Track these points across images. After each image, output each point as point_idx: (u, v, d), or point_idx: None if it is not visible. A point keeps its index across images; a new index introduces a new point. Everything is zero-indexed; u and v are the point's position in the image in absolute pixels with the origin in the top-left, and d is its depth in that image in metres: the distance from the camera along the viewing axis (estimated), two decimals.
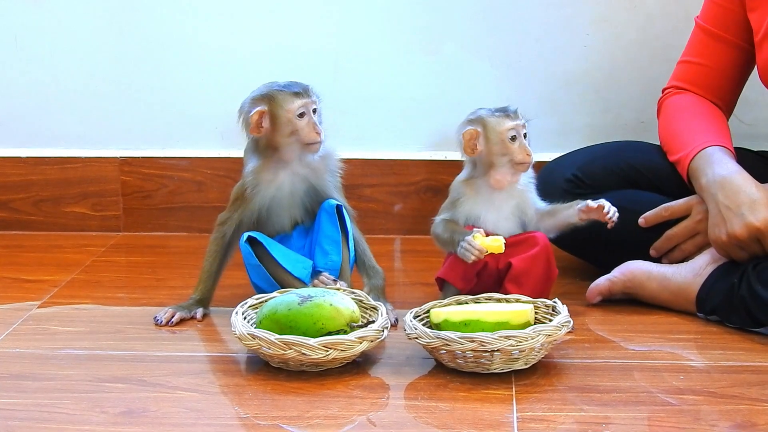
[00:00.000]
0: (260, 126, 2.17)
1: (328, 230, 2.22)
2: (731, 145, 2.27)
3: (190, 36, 2.79)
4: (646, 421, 1.76)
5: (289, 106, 2.17)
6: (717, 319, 2.16)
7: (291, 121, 2.17)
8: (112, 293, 2.40)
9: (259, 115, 2.17)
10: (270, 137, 2.19)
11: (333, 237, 2.22)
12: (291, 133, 2.18)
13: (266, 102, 2.18)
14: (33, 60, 2.82)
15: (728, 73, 2.38)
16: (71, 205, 2.86)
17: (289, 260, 2.20)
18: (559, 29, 2.73)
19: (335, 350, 1.89)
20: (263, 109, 2.17)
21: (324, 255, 2.22)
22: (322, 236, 2.23)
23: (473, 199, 2.17)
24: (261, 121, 2.17)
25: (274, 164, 2.21)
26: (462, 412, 1.78)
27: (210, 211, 2.77)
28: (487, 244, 2.08)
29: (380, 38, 2.78)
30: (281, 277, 2.19)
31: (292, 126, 2.18)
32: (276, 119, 2.18)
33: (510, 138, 2.14)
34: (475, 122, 2.16)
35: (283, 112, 2.17)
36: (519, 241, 2.16)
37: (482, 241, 2.09)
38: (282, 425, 1.75)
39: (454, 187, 2.20)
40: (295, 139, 2.18)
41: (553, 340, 1.92)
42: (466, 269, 2.14)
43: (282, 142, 2.19)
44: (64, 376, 1.93)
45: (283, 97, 2.18)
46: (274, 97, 2.18)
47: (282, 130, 2.18)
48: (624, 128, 2.76)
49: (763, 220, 2.09)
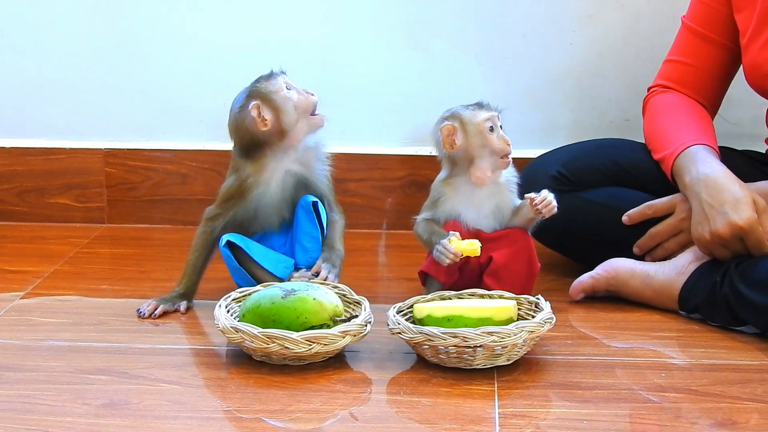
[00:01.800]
0: (264, 121, 2.18)
1: (306, 227, 2.22)
2: (716, 144, 2.28)
3: (176, 28, 2.79)
4: (627, 419, 1.77)
5: (274, 86, 2.20)
6: (699, 317, 2.17)
7: (285, 97, 2.19)
8: (95, 285, 2.40)
9: (257, 108, 2.17)
10: (278, 125, 2.19)
11: (312, 233, 2.22)
12: (295, 108, 2.19)
13: (260, 99, 2.19)
14: (18, 51, 2.82)
15: (714, 72, 2.39)
16: (55, 197, 2.86)
17: (269, 261, 2.20)
18: (546, 26, 2.74)
19: (318, 344, 1.89)
20: (257, 103, 2.18)
21: (305, 252, 2.23)
22: (301, 233, 2.23)
23: (453, 198, 2.17)
24: (262, 115, 2.17)
25: (268, 163, 2.22)
26: (444, 407, 1.79)
27: (194, 204, 2.78)
28: (462, 248, 2.09)
29: (368, 33, 2.78)
30: (263, 278, 2.19)
31: (287, 102, 2.19)
32: (276, 104, 2.18)
33: (488, 129, 2.14)
34: (451, 118, 2.16)
35: (274, 95, 2.19)
36: (500, 237, 2.17)
37: (457, 245, 2.09)
38: (264, 419, 1.75)
39: (434, 186, 2.20)
40: (297, 114, 2.19)
41: (535, 337, 1.93)
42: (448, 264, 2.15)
43: (288, 122, 2.19)
44: (47, 368, 1.93)
45: (265, 84, 2.21)
46: (262, 88, 2.20)
47: (284, 108, 2.18)
48: (609, 126, 2.77)
49: (746, 219, 2.10)
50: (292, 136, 2.20)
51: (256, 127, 2.17)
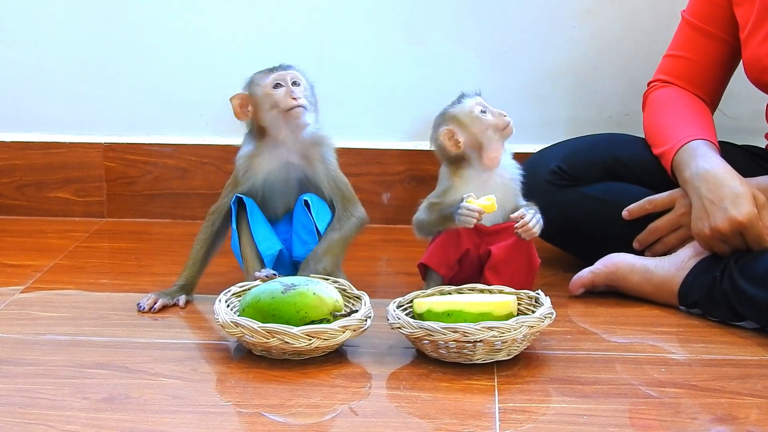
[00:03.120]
0: (245, 110, 2.23)
1: (304, 220, 2.23)
2: (715, 139, 2.28)
3: (175, 22, 2.78)
4: (627, 414, 1.77)
5: (264, 81, 2.23)
6: (699, 312, 2.17)
7: (268, 94, 2.22)
8: (94, 279, 2.40)
9: (240, 99, 2.23)
10: (258, 119, 2.23)
11: (309, 227, 2.23)
12: (271, 107, 2.22)
13: (246, 86, 2.24)
14: (18, 44, 2.81)
15: (714, 67, 2.39)
16: (55, 191, 2.85)
17: (260, 234, 2.23)
18: (544, 21, 2.74)
19: (318, 339, 1.89)
20: (244, 93, 2.23)
21: (303, 244, 2.23)
22: (299, 226, 2.24)
23: (461, 189, 2.18)
24: (245, 105, 2.23)
25: (267, 149, 2.24)
26: (444, 402, 1.79)
27: (194, 198, 2.78)
28: (484, 205, 2.11)
29: (365, 27, 2.77)
30: (244, 249, 2.22)
31: (269, 99, 2.22)
32: (256, 99, 2.22)
33: (480, 113, 2.15)
34: (445, 122, 2.19)
35: (259, 89, 2.22)
36: (500, 230, 2.17)
37: (478, 203, 2.10)
38: (264, 413, 1.75)
39: (442, 176, 2.21)
40: (276, 112, 2.21)
41: (535, 332, 1.93)
42: (448, 255, 2.15)
43: (267, 119, 2.22)
44: (46, 362, 1.93)
45: (258, 76, 2.24)
46: (252, 79, 2.25)
47: (263, 105, 2.22)
48: (608, 121, 2.76)
49: (746, 214, 2.10)
50: (272, 132, 2.24)
51: (235, 114, 2.25)
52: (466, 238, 2.16)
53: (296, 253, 2.25)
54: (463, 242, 2.16)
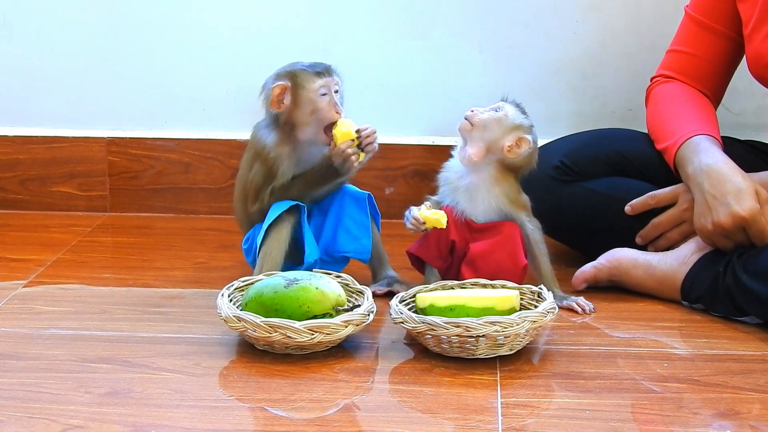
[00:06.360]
0: (281, 101, 2.18)
1: (355, 214, 2.23)
2: (718, 135, 2.27)
3: (179, 17, 2.78)
4: (629, 409, 1.77)
5: (311, 84, 2.19)
6: (701, 307, 2.17)
7: (312, 99, 2.19)
8: (97, 273, 2.40)
9: (281, 89, 2.18)
10: (290, 114, 2.20)
11: (362, 221, 2.23)
12: (312, 112, 2.19)
13: (289, 79, 2.19)
14: (21, 39, 2.81)
15: (717, 63, 2.38)
16: (58, 185, 2.86)
17: (310, 242, 2.20)
18: (548, 16, 2.73)
19: (321, 334, 1.89)
20: (285, 84, 2.18)
21: (354, 239, 2.23)
22: (348, 220, 2.23)
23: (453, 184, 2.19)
24: (282, 97, 2.18)
25: (292, 141, 2.21)
26: (446, 396, 1.79)
27: (197, 193, 2.78)
28: (425, 216, 2.12)
29: (369, 22, 2.77)
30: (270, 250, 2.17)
31: (313, 105, 2.19)
32: (298, 97, 2.19)
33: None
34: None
35: (304, 91, 2.19)
36: (487, 228, 2.18)
37: (421, 213, 2.12)
38: (266, 408, 1.75)
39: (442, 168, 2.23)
40: (314, 118, 2.19)
41: (538, 327, 1.93)
42: (439, 247, 2.17)
43: (302, 120, 2.20)
44: (49, 356, 1.93)
45: (305, 76, 2.19)
46: (297, 75, 2.19)
47: (303, 108, 2.19)
48: (612, 116, 2.76)
49: (749, 210, 2.10)
50: (299, 130, 2.20)
51: (270, 102, 2.19)
52: (453, 230, 2.16)
53: (347, 248, 2.24)
54: (450, 233, 2.16)
